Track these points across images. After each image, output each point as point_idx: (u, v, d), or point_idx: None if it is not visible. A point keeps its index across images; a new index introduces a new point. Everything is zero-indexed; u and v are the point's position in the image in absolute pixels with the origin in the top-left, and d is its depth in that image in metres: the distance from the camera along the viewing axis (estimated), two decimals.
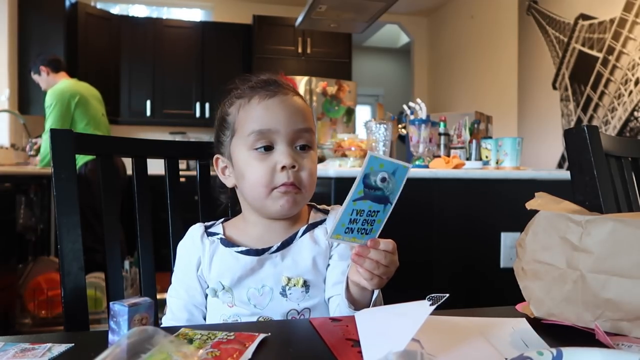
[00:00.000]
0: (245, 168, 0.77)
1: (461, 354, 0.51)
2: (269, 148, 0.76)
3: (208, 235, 0.81)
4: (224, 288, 0.78)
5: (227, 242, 0.79)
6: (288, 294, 0.76)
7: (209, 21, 5.07)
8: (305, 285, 0.77)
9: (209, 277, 0.79)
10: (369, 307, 0.68)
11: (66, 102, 3.02)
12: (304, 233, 0.80)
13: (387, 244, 0.63)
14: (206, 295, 0.81)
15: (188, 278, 0.80)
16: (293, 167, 0.74)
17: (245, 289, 0.77)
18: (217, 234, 0.81)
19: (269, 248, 0.78)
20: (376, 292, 0.68)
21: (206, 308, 0.81)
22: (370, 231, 0.61)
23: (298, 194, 0.76)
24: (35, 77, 3.22)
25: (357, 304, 0.68)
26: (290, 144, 0.76)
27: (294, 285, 0.77)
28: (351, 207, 0.58)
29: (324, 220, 0.82)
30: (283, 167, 0.74)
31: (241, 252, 0.78)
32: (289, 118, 0.76)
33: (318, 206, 0.86)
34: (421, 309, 0.50)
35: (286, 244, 0.78)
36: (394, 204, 0.60)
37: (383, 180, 0.57)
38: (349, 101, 4.38)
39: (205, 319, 0.81)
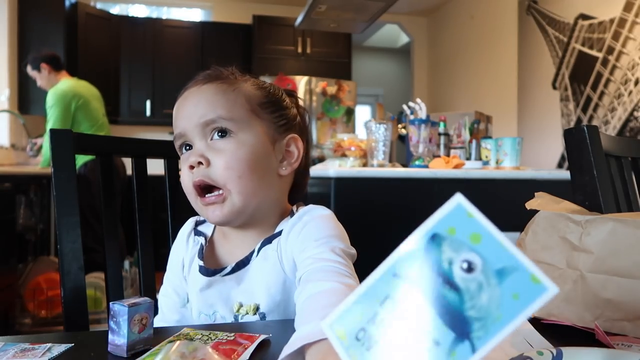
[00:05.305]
0: None
1: None
2: (191, 148, 0.67)
3: (196, 234, 0.74)
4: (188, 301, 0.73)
5: (201, 250, 0.71)
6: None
7: (209, 21, 5.06)
8: (258, 312, 0.65)
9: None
10: None
11: (67, 104, 2.99)
12: (260, 249, 0.67)
13: None
14: None
15: (176, 279, 0.75)
16: (200, 163, 0.64)
17: (197, 313, 0.69)
18: (204, 234, 0.73)
19: (222, 269, 0.67)
20: None
21: None
22: None
23: (219, 197, 0.64)
24: (33, 73, 3.12)
25: None
26: (204, 137, 0.65)
27: (246, 313, 0.65)
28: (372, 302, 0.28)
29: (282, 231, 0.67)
30: (191, 167, 0.64)
31: (198, 268, 0.69)
32: (193, 112, 0.66)
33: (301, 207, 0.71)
34: None
35: (242, 264, 0.67)
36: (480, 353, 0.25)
37: (469, 268, 0.26)
38: (349, 101, 4.38)
39: None
